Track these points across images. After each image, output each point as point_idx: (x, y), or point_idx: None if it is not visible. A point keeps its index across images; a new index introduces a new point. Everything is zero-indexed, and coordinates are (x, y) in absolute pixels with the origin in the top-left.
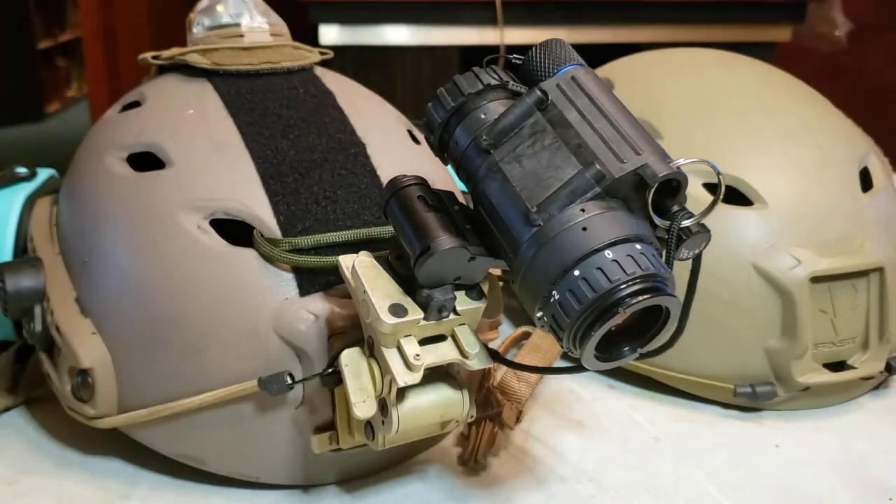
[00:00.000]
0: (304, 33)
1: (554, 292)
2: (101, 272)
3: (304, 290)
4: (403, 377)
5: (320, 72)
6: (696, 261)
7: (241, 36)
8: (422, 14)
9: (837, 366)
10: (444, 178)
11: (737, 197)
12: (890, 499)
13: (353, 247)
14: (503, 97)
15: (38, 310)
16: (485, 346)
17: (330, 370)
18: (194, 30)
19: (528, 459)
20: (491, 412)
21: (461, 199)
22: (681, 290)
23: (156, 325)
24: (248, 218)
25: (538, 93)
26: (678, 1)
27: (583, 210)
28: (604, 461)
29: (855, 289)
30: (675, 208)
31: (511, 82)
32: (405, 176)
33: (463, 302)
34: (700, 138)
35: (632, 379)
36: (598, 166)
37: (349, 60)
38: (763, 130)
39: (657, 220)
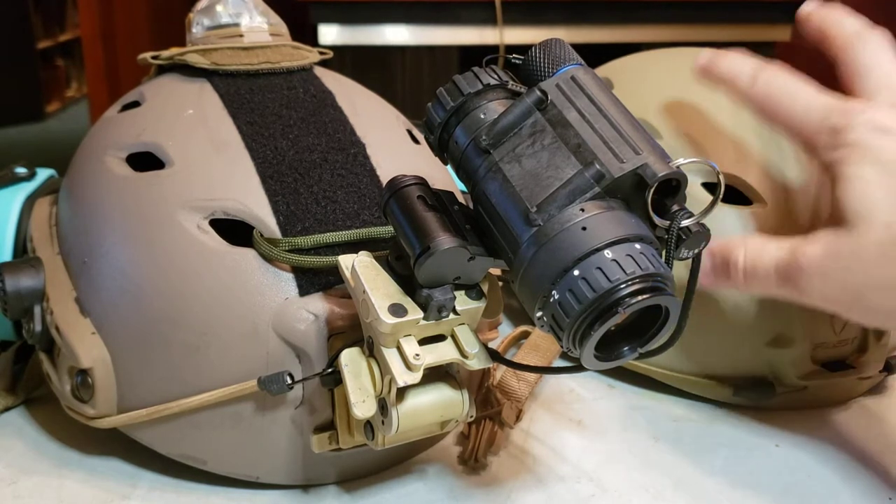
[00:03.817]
0: (304, 33)
1: (553, 292)
2: (100, 272)
3: (304, 290)
4: (403, 377)
5: (320, 72)
6: (696, 260)
7: (241, 36)
8: (422, 14)
9: (836, 366)
10: (444, 177)
11: (736, 196)
12: (890, 498)
13: (352, 247)
14: (503, 97)
15: (37, 310)
16: (484, 345)
17: (330, 370)
18: (194, 30)
19: (527, 459)
20: (491, 411)
21: (461, 199)
22: (680, 290)
23: (155, 324)
24: (247, 218)
25: (538, 92)
26: (678, 1)
27: (582, 210)
28: (604, 461)
29: None
30: (675, 208)
31: (511, 82)
32: (405, 176)
33: (463, 302)
34: (700, 138)
35: (632, 379)
36: (597, 166)
37: (349, 60)
38: (762, 130)
39: (657, 220)
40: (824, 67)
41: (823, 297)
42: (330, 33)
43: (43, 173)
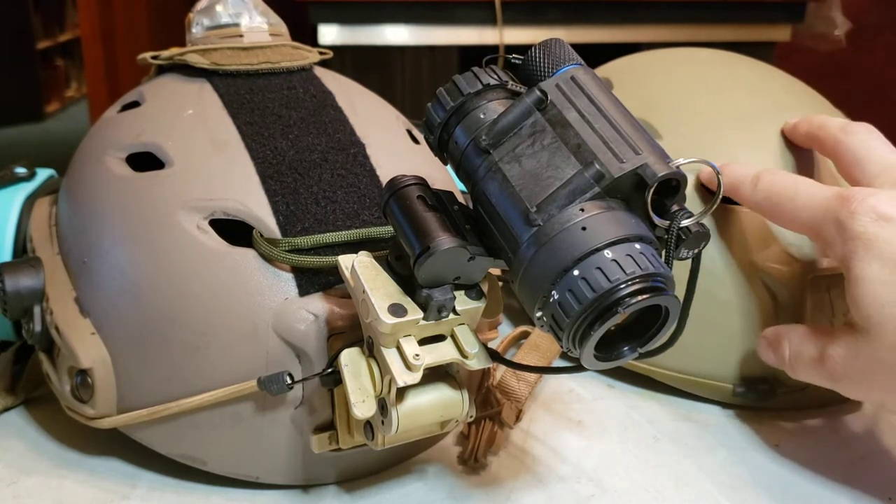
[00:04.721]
0: (304, 33)
1: (553, 292)
2: (100, 272)
3: (304, 290)
4: (403, 377)
5: (319, 72)
6: (696, 260)
7: (241, 36)
8: (421, 14)
9: None
10: (444, 178)
11: None
12: (890, 498)
13: (352, 247)
14: (502, 97)
15: (37, 310)
16: (484, 345)
17: (329, 370)
18: (193, 30)
19: (527, 459)
20: (490, 411)
21: (461, 199)
22: (680, 290)
23: (155, 325)
24: (247, 218)
25: (537, 93)
26: (678, 1)
27: (582, 210)
28: (604, 461)
29: None
30: (675, 208)
31: (510, 82)
32: (404, 176)
33: (462, 302)
34: (699, 138)
35: (632, 379)
36: (597, 166)
37: (349, 60)
38: (762, 130)
39: (657, 220)
40: (824, 68)
41: (858, 395)
42: (330, 33)
43: (43, 173)
